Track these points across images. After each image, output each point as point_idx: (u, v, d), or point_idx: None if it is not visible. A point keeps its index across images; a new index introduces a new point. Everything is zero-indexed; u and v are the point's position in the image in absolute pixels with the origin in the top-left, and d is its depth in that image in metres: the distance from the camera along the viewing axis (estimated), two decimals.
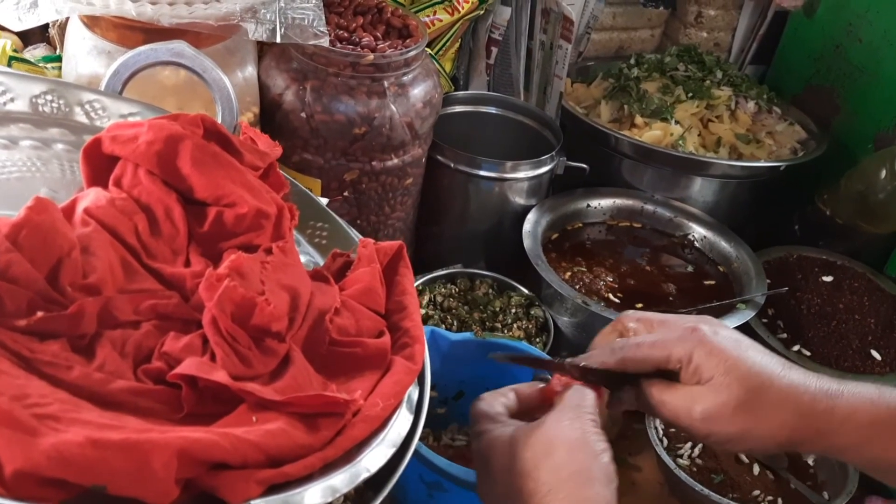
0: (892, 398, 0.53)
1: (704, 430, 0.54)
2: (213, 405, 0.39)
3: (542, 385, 0.59)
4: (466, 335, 0.81)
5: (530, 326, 0.96)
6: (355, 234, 0.62)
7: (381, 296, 0.51)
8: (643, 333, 0.59)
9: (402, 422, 0.45)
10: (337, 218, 0.63)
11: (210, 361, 0.40)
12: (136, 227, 0.45)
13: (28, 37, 0.95)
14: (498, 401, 0.57)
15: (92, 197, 0.45)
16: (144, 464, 0.32)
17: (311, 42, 0.72)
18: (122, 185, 0.47)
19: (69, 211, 0.45)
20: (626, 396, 0.60)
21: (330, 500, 0.38)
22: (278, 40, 0.69)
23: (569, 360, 0.61)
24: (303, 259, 0.60)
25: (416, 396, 0.48)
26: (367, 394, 0.45)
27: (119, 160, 0.48)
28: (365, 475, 0.40)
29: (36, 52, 0.92)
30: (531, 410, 0.57)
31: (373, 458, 0.41)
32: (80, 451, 0.31)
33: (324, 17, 0.73)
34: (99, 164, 0.48)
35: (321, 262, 0.60)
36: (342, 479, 0.39)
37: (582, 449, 0.50)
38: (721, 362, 0.53)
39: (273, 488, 0.37)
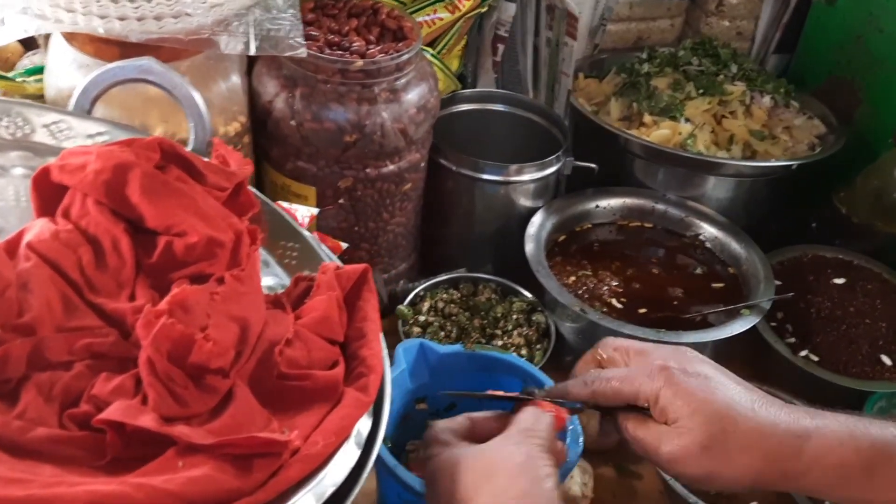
0: (862, 438, 0.50)
1: (671, 470, 0.53)
2: (141, 449, 0.38)
3: (501, 412, 0.59)
4: (456, 347, 0.79)
5: (531, 333, 0.95)
6: (326, 255, 0.61)
7: (338, 324, 0.50)
8: (620, 365, 0.59)
9: (347, 458, 0.44)
10: (309, 238, 0.61)
11: (140, 404, 0.39)
12: (80, 260, 0.45)
13: (29, 41, 0.96)
14: (449, 426, 0.56)
15: (36, 230, 0.45)
16: None
17: (288, 54, 0.71)
18: (71, 216, 0.47)
19: (14, 244, 0.45)
20: (608, 427, 0.59)
21: None
22: (252, 53, 0.68)
23: (543, 390, 0.61)
24: (271, 281, 0.60)
25: (366, 430, 0.47)
26: (312, 429, 0.44)
27: (68, 189, 0.47)
28: None
29: (35, 57, 0.93)
30: (490, 435, 0.56)
31: (306, 501, 0.40)
32: None
33: (301, 28, 0.71)
34: (48, 194, 0.48)
35: (289, 282, 0.59)
36: None
37: (525, 473, 0.49)
38: (686, 404, 0.52)
39: None
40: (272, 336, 0.47)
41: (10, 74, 0.74)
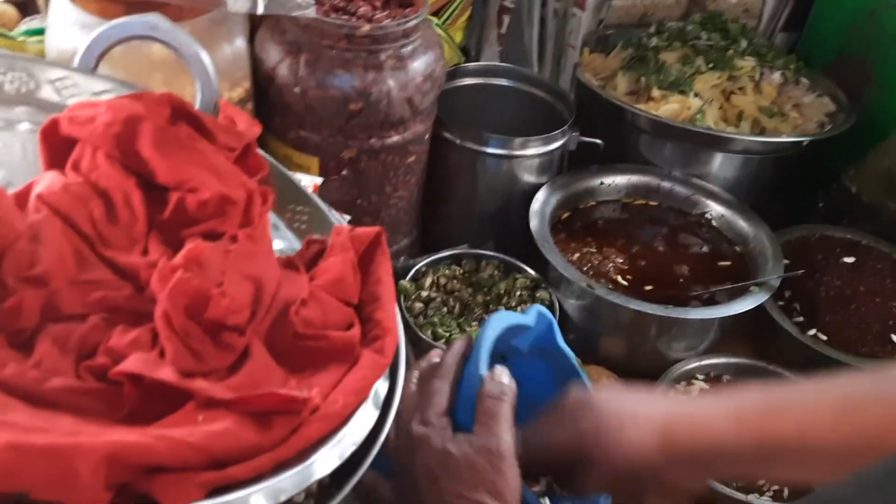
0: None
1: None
2: (159, 403, 0.37)
3: None
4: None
5: None
6: (336, 219, 0.59)
7: (353, 286, 0.49)
8: None
9: (365, 419, 0.43)
10: (318, 202, 0.60)
11: (157, 357, 0.38)
12: (92, 213, 0.43)
13: (26, 7, 0.93)
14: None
15: (46, 182, 0.44)
16: (69, 469, 0.31)
17: (296, 13, 0.69)
18: (80, 169, 0.45)
19: (23, 196, 0.43)
20: None
21: (277, 502, 0.36)
22: (260, 12, 0.66)
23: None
24: (281, 244, 0.59)
25: (384, 391, 0.46)
26: (330, 389, 0.43)
27: (77, 142, 0.46)
28: (317, 476, 0.39)
29: (32, 23, 0.90)
30: None
31: (328, 459, 0.40)
32: None
33: None
34: (57, 147, 0.46)
35: (299, 247, 0.57)
36: (291, 482, 0.37)
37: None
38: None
39: (218, 491, 0.36)
40: (287, 296, 0.46)
41: (11, 33, 0.72)
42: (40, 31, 0.73)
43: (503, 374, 0.56)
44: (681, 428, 0.53)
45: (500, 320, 0.61)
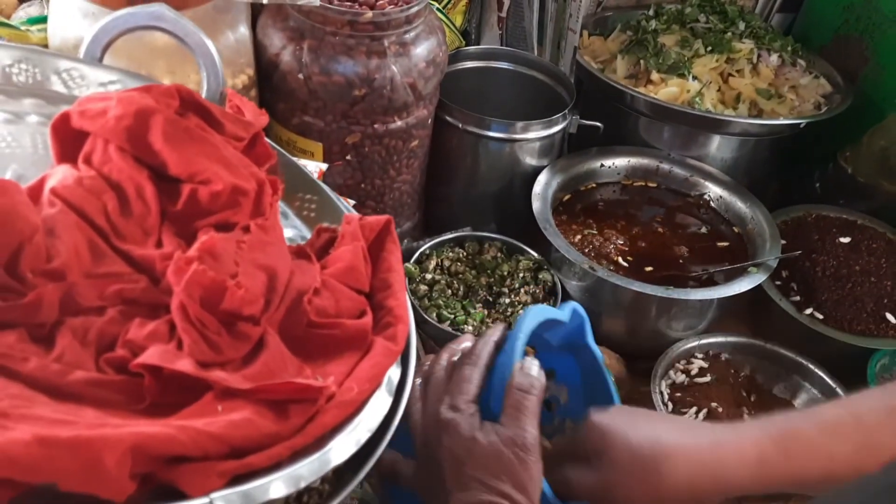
0: (770, 429, 0.54)
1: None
2: (178, 394, 0.38)
3: None
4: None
5: (538, 291, 0.95)
6: (345, 207, 0.60)
7: (364, 274, 0.50)
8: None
9: (379, 405, 0.44)
10: (327, 190, 0.61)
11: (175, 349, 0.39)
12: (105, 206, 0.44)
13: None
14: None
15: (59, 176, 0.44)
16: (95, 461, 0.32)
17: (301, 3, 0.69)
18: (92, 163, 0.46)
19: (36, 191, 0.44)
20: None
21: (295, 490, 0.37)
22: (265, 0, 0.66)
23: None
24: (290, 233, 0.59)
25: (396, 378, 0.47)
26: (344, 376, 0.44)
27: (89, 135, 0.46)
28: (334, 463, 0.39)
29: (31, 9, 0.90)
30: None
31: (344, 446, 0.41)
32: (27, 451, 0.30)
33: None
34: (68, 140, 0.47)
35: (309, 235, 0.58)
36: (309, 469, 0.38)
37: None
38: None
39: (239, 479, 0.37)
40: (300, 285, 0.47)
41: (13, 22, 0.72)
42: (42, 20, 0.72)
43: (532, 367, 0.56)
44: (704, 482, 0.53)
45: (538, 314, 0.62)
